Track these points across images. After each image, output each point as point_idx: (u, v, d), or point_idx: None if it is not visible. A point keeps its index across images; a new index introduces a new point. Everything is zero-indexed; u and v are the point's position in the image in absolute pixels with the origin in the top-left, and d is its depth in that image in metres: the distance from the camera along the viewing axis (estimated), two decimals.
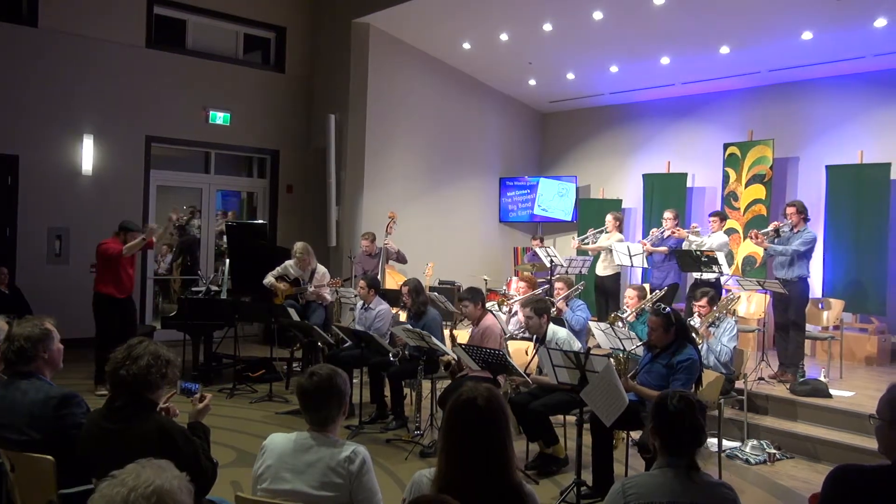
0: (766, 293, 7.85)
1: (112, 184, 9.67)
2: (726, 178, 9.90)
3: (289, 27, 11.33)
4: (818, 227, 8.41)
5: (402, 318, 7.19)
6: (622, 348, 5.58)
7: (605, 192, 11.46)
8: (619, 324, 6.29)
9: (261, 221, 10.90)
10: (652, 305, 6.73)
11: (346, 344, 6.94)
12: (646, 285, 8.32)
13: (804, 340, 7.23)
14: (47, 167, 9.24)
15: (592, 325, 6.49)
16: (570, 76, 10.82)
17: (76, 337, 8.32)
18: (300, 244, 7.98)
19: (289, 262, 7.99)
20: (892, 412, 2.15)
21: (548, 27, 9.33)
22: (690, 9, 8.39)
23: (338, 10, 10.77)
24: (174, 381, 2.94)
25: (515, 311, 7.32)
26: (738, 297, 7.15)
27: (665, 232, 8.24)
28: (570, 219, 11.65)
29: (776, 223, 7.29)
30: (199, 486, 2.63)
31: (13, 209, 9.09)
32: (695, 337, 5.41)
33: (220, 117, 10.60)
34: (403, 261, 9.36)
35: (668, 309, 5.02)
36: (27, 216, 9.12)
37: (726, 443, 5.83)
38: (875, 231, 8.50)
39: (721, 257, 7.29)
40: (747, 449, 5.90)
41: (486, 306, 6.26)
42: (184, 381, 3.18)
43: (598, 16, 8.76)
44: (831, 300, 8.13)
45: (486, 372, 5.27)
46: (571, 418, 5.42)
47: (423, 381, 6.04)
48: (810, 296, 7.44)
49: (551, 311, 6.32)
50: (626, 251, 8.25)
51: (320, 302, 8.03)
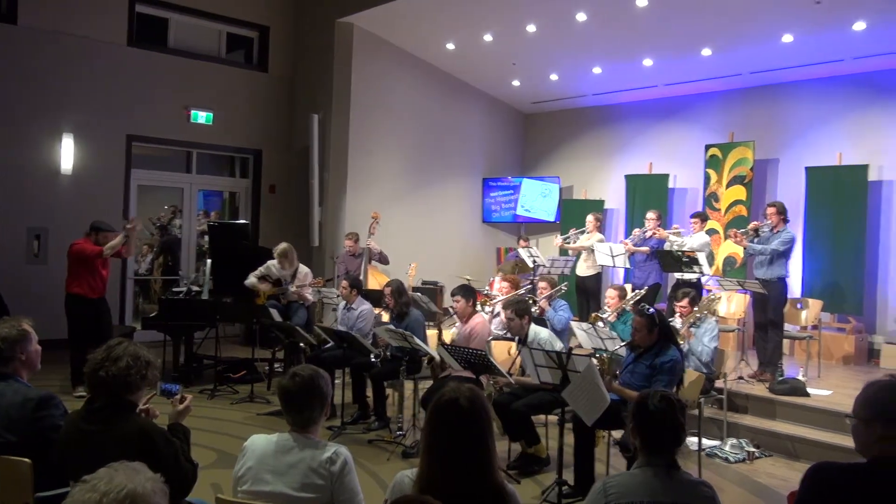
0: (746, 293, 7.93)
1: (92, 183, 9.57)
2: (707, 180, 9.98)
3: (272, 26, 11.27)
4: (797, 228, 8.50)
5: (385, 318, 7.18)
6: (604, 348, 5.61)
7: (588, 193, 11.50)
8: (600, 324, 6.32)
9: (243, 221, 10.86)
10: (633, 305, 6.78)
11: (329, 344, 6.90)
12: (627, 285, 8.36)
13: (783, 340, 7.32)
14: (26, 166, 9.13)
15: (574, 324, 6.51)
16: (554, 77, 10.86)
17: (55, 338, 8.25)
18: (283, 245, 7.96)
19: (271, 263, 7.96)
20: (867, 411, 2.17)
21: (531, 28, 9.36)
22: (673, 11, 8.45)
23: (321, 9, 10.73)
24: (154, 383, 2.92)
25: (497, 311, 7.33)
26: (719, 298, 7.21)
27: (647, 232, 8.30)
28: (553, 219, 11.69)
29: (756, 223, 7.37)
30: (179, 488, 2.63)
31: None
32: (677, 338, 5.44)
33: (202, 117, 10.53)
34: (386, 262, 9.37)
35: (652, 310, 5.06)
36: (6, 216, 8.99)
37: (706, 441, 5.87)
38: (853, 232, 8.61)
39: (702, 258, 7.35)
40: (727, 447, 5.96)
41: (476, 306, 6.28)
42: (164, 383, 3.15)
43: (582, 17, 8.80)
44: (809, 300, 8.22)
45: (468, 372, 5.29)
46: (553, 418, 5.44)
47: (405, 381, 6.03)
48: (789, 296, 7.53)
49: (533, 312, 6.34)
50: (609, 251, 8.29)
51: (302, 302, 8.01)
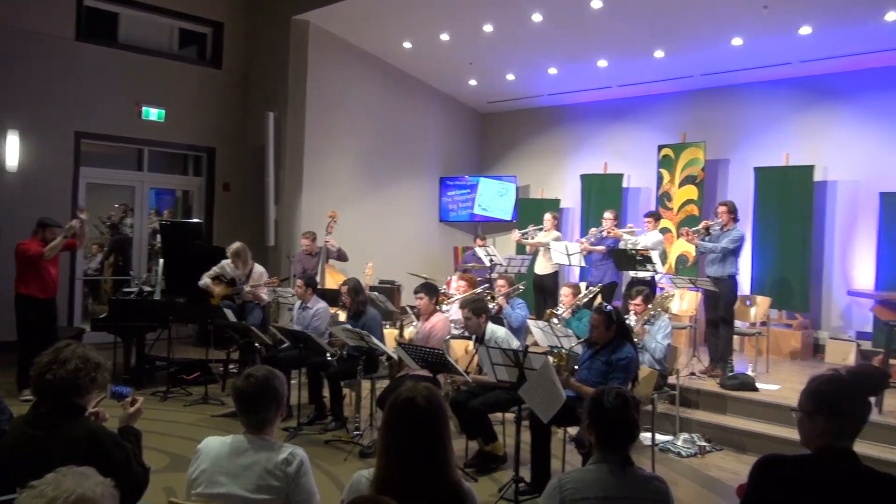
0: (698, 291, 8.09)
1: (39, 181, 9.27)
2: (660, 179, 10.16)
3: (226, 22, 11.08)
4: (747, 227, 8.70)
5: (342, 317, 7.14)
6: (560, 345, 5.67)
7: (545, 192, 11.61)
8: (555, 321, 6.39)
9: (196, 220, 10.66)
10: (586, 303, 6.87)
11: (284, 345, 6.84)
12: (581, 284, 8.46)
13: (733, 336, 7.49)
14: None
15: (531, 322, 6.57)
16: (510, 77, 10.92)
17: (1, 340, 8.03)
18: (236, 244, 7.85)
19: (225, 262, 7.85)
20: (810, 404, 2.25)
21: (488, 28, 9.39)
22: (627, 13, 8.57)
23: (277, 6, 10.59)
24: (104, 385, 2.85)
25: (452, 310, 7.34)
26: (672, 295, 7.34)
27: (604, 231, 8.41)
28: (510, 218, 11.76)
29: (707, 221, 7.51)
30: (130, 492, 2.57)
31: None
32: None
33: (153, 113, 10.29)
34: (345, 259, 9.26)
35: (609, 307, 5.14)
36: None
37: (659, 437, 5.97)
38: (799, 231, 8.86)
39: (655, 256, 7.47)
40: (679, 442, 6.07)
41: (437, 305, 6.28)
42: (115, 385, 3.09)
43: (538, 18, 8.87)
44: (758, 297, 8.41)
45: (426, 371, 5.29)
46: (510, 416, 5.48)
47: (362, 381, 6.01)
48: (739, 293, 7.70)
49: (491, 309, 6.38)
50: (564, 250, 8.38)
51: (257, 302, 7.91)
